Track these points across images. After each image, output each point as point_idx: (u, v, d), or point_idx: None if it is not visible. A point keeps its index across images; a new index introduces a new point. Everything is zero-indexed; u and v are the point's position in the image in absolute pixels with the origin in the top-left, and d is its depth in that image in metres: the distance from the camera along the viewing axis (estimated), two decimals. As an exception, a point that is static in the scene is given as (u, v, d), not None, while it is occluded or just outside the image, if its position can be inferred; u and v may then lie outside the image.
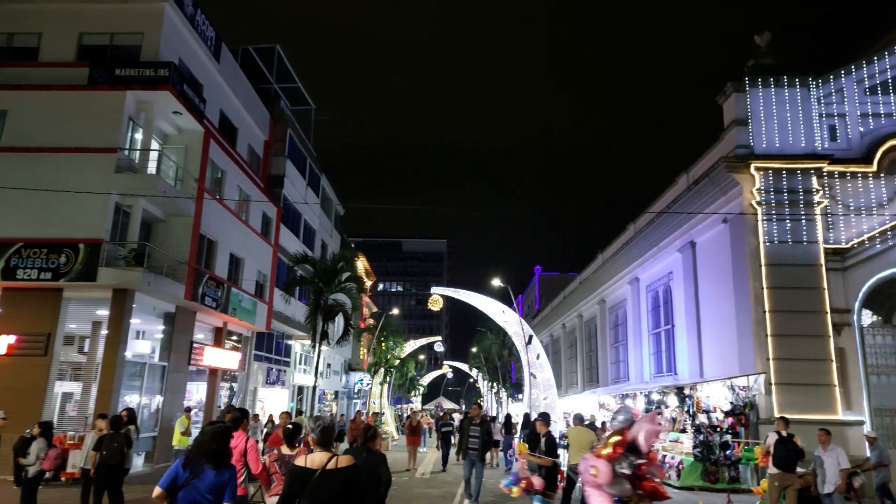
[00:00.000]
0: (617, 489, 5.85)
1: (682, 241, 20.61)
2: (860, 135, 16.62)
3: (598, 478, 5.90)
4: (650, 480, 5.91)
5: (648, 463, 6.03)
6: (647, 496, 5.86)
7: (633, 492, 5.87)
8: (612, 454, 5.94)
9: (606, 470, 5.88)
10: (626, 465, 5.85)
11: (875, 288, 15.93)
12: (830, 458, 9.84)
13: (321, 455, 4.41)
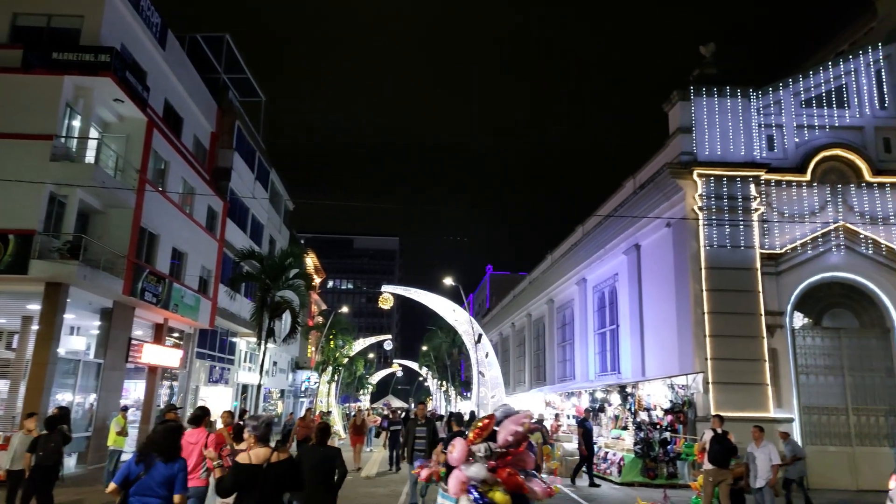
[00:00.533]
0: (473, 472, 6.03)
1: (627, 244, 21.17)
2: (796, 145, 17.44)
3: (452, 453, 6.13)
4: (512, 473, 6.05)
5: (515, 455, 6.22)
6: (507, 486, 6.00)
7: (491, 479, 6.04)
8: (472, 438, 6.19)
9: (462, 448, 6.10)
10: (483, 449, 6.06)
11: (806, 292, 16.77)
12: (763, 453, 10.29)
13: (263, 451, 4.90)
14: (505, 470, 6.12)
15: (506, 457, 6.22)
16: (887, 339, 16.56)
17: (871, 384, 16.40)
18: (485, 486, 6.06)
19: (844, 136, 17.37)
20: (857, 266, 16.65)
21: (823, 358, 16.67)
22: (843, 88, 17.59)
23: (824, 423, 16.11)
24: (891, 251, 16.52)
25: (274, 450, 4.94)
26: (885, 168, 17.05)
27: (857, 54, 17.87)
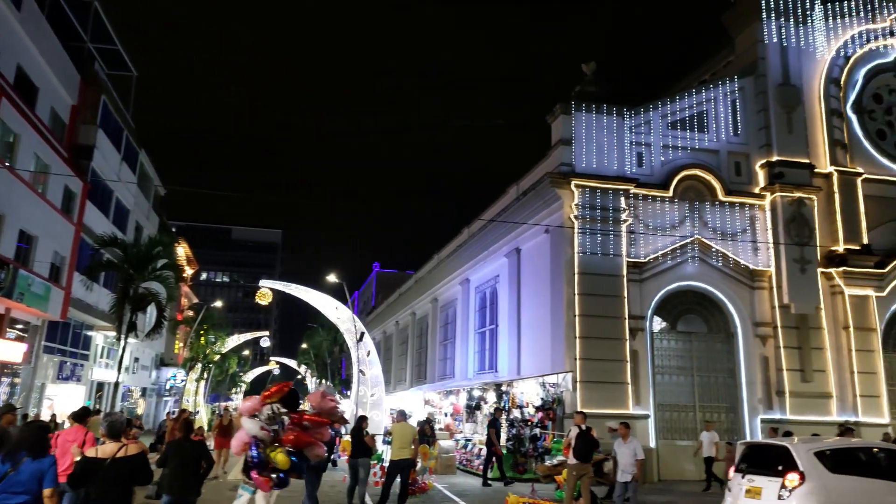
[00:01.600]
0: (248, 425, 7.01)
1: (509, 247, 21.91)
2: (661, 163, 18.94)
3: (245, 402, 7.35)
4: (298, 435, 7.10)
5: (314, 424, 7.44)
6: (296, 445, 7.02)
7: (265, 437, 7.02)
8: (264, 396, 7.23)
9: (255, 401, 7.23)
10: (267, 410, 7.07)
11: (664, 298, 18.27)
12: (628, 449, 10.97)
13: (112, 446, 5.25)
14: (293, 433, 7.02)
15: (300, 423, 7.20)
16: (731, 343, 18.45)
17: (715, 383, 18.20)
18: (269, 449, 6.93)
19: (703, 157, 19.13)
20: (708, 276, 18.39)
21: (677, 359, 18.25)
22: (704, 114, 19.37)
23: (675, 419, 17.63)
24: (737, 264, 18.42)
25: (123, 445, 5.27)
26: (736, 189, 18.98)
27: (717, 84, 19.76)
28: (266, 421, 6.94)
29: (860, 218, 19.13)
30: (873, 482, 8.14)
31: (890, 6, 20.60)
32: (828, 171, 19.31)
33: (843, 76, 20.19)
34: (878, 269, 18.66)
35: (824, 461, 8.16)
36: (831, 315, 18.45)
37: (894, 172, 20.00)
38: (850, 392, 17.85)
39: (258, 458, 6.83)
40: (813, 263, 18.34)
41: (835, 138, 19.62)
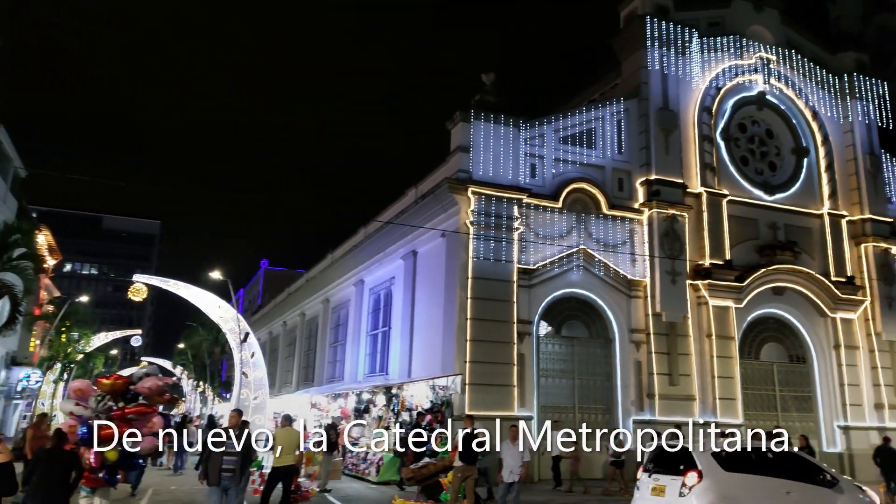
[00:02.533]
0: (67, 405, 7.74)
1: (405, 250, 21.89)
2: (552, 176, 19.76)
3: (73, 383, 8.18)
4: (111, 431, 7.39)
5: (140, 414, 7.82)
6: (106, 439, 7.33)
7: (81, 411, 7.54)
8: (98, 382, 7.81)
9: (80, 385, 7.86)
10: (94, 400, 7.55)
11: (550, 304, 19.07)
12: (515, 450, 11.22)
13: None
14: (107, 429, 7.28)
15: (124, 417, 7.48)
16: (609, 348, 19.58)
17: (594, 386, 19.23)
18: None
19: (590, 172, 20.19)
20: (591, 284, 19.42)
21: (560, 363, 19.10)
22: (593, 132, 20.45)
23: (557, 420, 18.39)
24: (617, 274, 19.58)
25: None
26: (618, 204, 20.19)
27: (605, 104, 20.95)
28: (92, 411, 7.14)
29: (724, 235, 21.01)
30: (761, 479, 9.11)
31: (756, 45, 22.88)
32: (698, 192, 21.05)
33: (714, 105, 22.13)
34: (738, 283, 20.59)
35: (720, 461, 9.07)
36: (696, 323, 20.10)
37: (754, 196, 22.18)
38: (710, 395, 19.53)
39: (86, 433, 7.07)
40: (683, 275, 19.91)
41: (705, 162, 21.44)
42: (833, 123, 23.59)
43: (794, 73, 23.31)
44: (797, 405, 20.95)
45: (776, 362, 21.49)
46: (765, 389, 20.96)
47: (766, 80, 22.88)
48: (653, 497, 9.23)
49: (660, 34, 21.10)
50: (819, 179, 23.14)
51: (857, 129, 23.61)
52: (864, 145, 23.58)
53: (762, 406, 20.48)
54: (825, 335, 21.69)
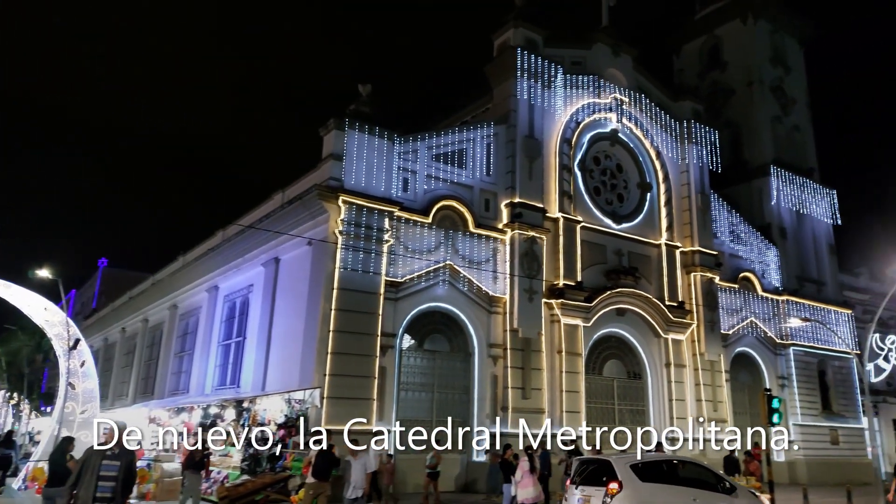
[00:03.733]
0: None
1: (267, 256, 20.95)
2: (424, 191, 20.02)
3: None
4: None
5: None
6: None
7: None
8: None
9: None
10: None
11: (415, 318, 19.21)
12: (359, 464, 11.12)
13: None
14: None
15: None
16: (468, 362, 20.08)
17: (452, 400, 19.58)
18: None
19: (459, 191, 20.74)
20: (455, 299, 19.85)
21: (421, 376, 19.26)
22: (464, 152, 21.06)
23: (414, 433, 18.45)
24: (480, 290, 20.20)
25: None
26: (484, 223, 20.91)
27: (476, 127, 21.70)
28: None
29: (577, 259, 22.50)
30: (672, 487, 10.52)
31: (611, 86, 24.96)
32: (556, 217, 22.40)
33: (574, 138, 23.78)
34: (587, 303, 22.12)
35: (637, 472, 10.35)
36: (549, 340, 21.26)
37: (604, 224, 24.03)
38: (558, 408, 20.70)
39: None
40: (539, 294, 21.01)
41: (564, 189, 22.91)
42: (673, 163, 26.32)
43: (643, 115, 25.74)
44: (632, 418, 22.83)
45: (616, 378, 23.34)
46: (605, 403, 22.64)
47: (619, 119, 25.04)
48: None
49: (529, 66, 22.31)
50: (659, 213, 25.64)
51: (692, 170, 26.52)
52: (697, 185, 26.54)
53: (602, 419, 22.05)
54: (658, 354, 23.95)
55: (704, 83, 32.49)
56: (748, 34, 31.74)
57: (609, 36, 25.58)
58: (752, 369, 27.13)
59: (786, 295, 28.25)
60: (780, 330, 27.68)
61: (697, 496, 10.50)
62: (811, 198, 31.16)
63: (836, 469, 25.46)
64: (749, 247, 28.52)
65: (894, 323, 33.76)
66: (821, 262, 30.93)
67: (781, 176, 29.96)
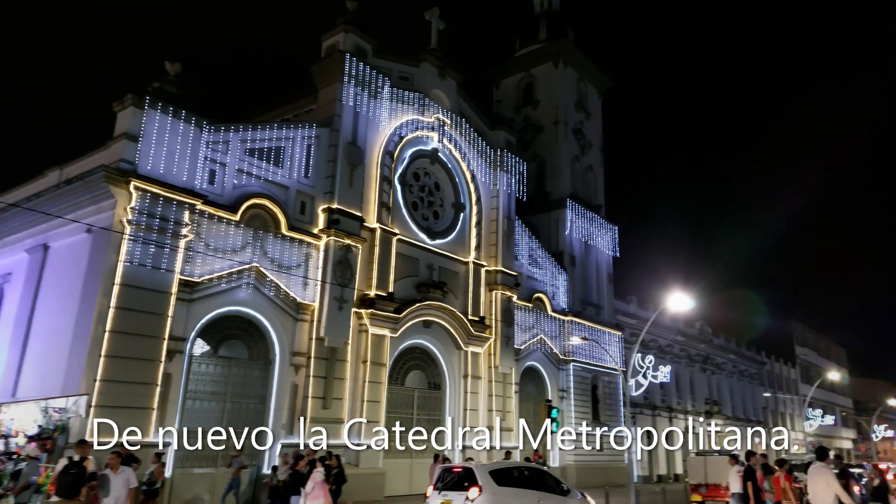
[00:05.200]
0: None
1: (34, 241, 18.07)
2: (233, 186, 18.80)
3: None
4: None
5: None
6: None
7: None
8: None
9: None
10: None
11: (212, 321, 17.87)
12: (120, 479, 10.01)
13: None
14: None
15: None
16: (268, 371, 19.14)
17: (246, 409, 18.48)
18: None
19: (274, 190, 19.85)
20: (260, 304, 18.85)
21: (213, 384, 17.91)
22: (282, 150, 20.23)
23: (199, 445, 17.04)
24: (287, 296, 19.42)
25: None
26: (298, 226, 20.22)
27: (298, 126, 21.01)
28: None
29: (391, 270, 22.75)
30: (522, 491, 12.08)
31: (435, 107, 25.84)
32: (373, 227, 22.47)
33: (396, 151, 24.14)
34: (396, 314, 22.42)
35: (495, 477, 11.74)
36: (355, 350, 21.15)
37: (419, 238, 24.65)
38: (357, 417, 20.58)
39: None
40: (349, 303, 20.82)
41: (383, 201, 23.09)
42: (485, 188, 27.95)
43: (462, 139, 27.02)
44: (428, 427, 23.50)
45: (417, 388, 23.94)
46: (405, 413, 23.07)
47: (441, 140, 26.00)
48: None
49: (357, 73, 22.22)
50: (470, 232, 27.01)
51: (501, 196, 28.39)
52: (505, 210, 28.47)
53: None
54: (458, 365, 25.08)
55: (519, 116, 35.17)
56: (558, 78, 35.08)
57: (436, 58, 26.52)
58: (538, 382, 29.63)
59: (570, 316, 31.38)
60: (564, 347, 30.66)
61: (541, 497, 12.27)
62: (598, 231, 35.14)
63: (599, 472, 28.70)
64: (544, 270, 31.23)
65: (654, 345, 39.30)
66: (601, 288, 34.96)
67: (576, 209, 33.38)
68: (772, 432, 52.33)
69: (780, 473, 13.30)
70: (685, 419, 41.44)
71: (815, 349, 71.99)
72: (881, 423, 75.46)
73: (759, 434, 48.81)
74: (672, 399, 41.17)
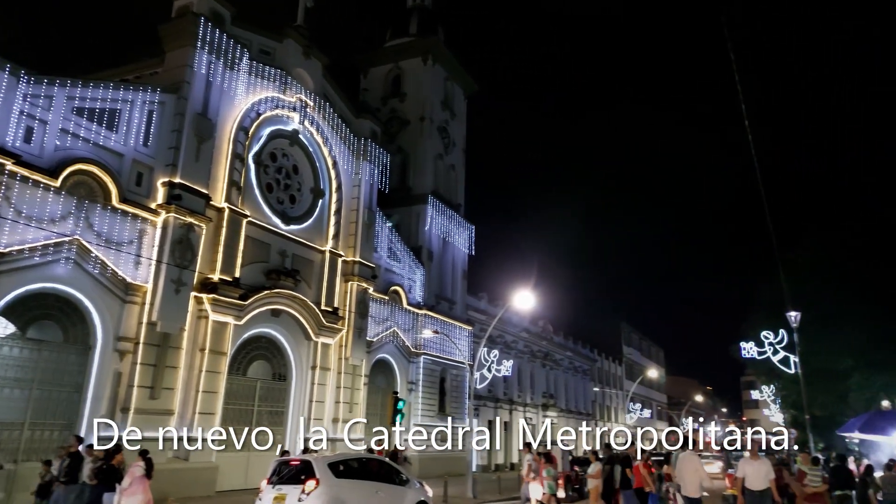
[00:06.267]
0: None
1: None
2: (55, 148, 16.63)
3: None
4: None
5: None
6: None
7: None
8: None
9: None
10: None
11: (21, 299, 15.71)
12: None
13: None
14: None
15: None
16: (86, 356, 17.21)
17: (57, 399, 16.50)
18: None
19: (105, 156, 17.86)
20: (80, 282, 16.89)
21: (18, 370, 15.84)
22: (117, 113, 18.26)
23: (-6, 440, 14.93)
24: (115, 275, 17.58)
25: None
26: (132, 199, 18.37)
27: (139, 89, 19.10)
28: None
29: (238, 254, 21.47)
30: (361, 482, 12.07)
31: (298, 87, 24.84)
32: (221, 206, 21.07)
33: (252, 128, 22.83)
34: (242, 301, 21.22)
35: (333, 469, 11.54)
36: (192, 337, 19.70)
37: (272, 222, 23.56)
38: (190, 409, 19.21)
39: None
40: (188, 286, 19.34)
41: (234, 179, 21.73)
42: (347, 176, 27.43)
43: (325, 123, 26.27)
44: (270, 419, 22.64)
45: (261, 379, 22.88)
46: (245, 405, 21.95)
47: (302, 121, 25.05)
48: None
49: (212, 40, 20.69)
50: (328, 220, 26.35)
51: (363, 185, 28.03)
52: (366, 201, 28.15)
53: (239, 420, 21.31)
54: (307, 356, 24.35)
55: (385, 108, 34.99)
56: (426, 74, 35.40)
57: (302, 36, 25.52)
58: (388, 374, 29.72)
59: (425, 310, 31.86)
60: (416, 340, 31.05)
61: (379, 488, 12.40)
62: (456, 229, 36.02)
63: (442, 462, 29.37)
64: (402, 264, 31.40)
65: (501, 340, 41.17)
66: (455, 284, 35.90)
67: (437, 206, 33.93)
68: (598, 424, 57.29)
69: (639, 462, 14.89)
70: (524, 411, 43.91)
71: (639, 349, 79.96)
72: (689, 416, 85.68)
73: (588, 424, 53.09)
74: (513, 392, 43.41)
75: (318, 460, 11.96)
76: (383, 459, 14.66)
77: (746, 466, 12.07)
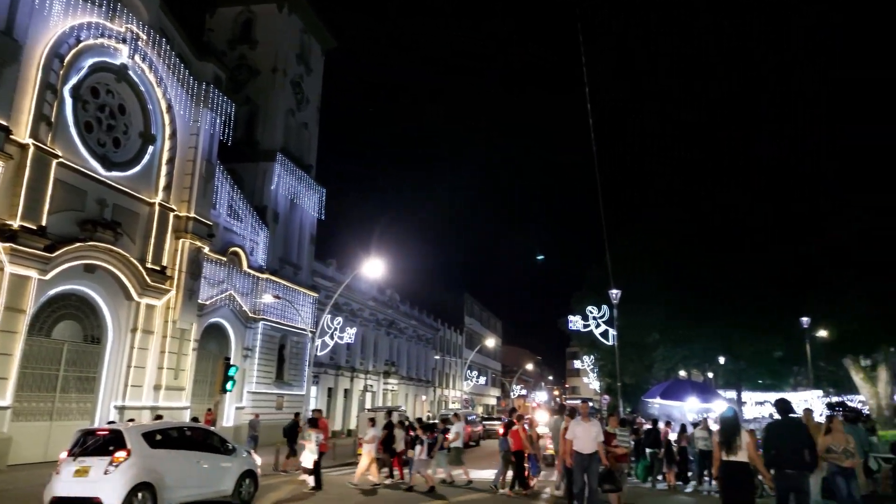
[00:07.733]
0: None
1: None
2: None
3: None
4: None
5: None
6: None
7: None
8: None
9: None
10: None
11: None
12: None
13: None
14: None
15: None
16: None
17: None
18: None
19: None
20: None
21: None
22: None
23: None
24: None
25: None
26: None
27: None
28: None
29: (45, 199, 18.72)
30: (181, 452, 11.35)
31: (130, 16, 22.00)
32: (25, 142, 18.19)
33: (69, 56, 19.83)
34: (48, 253, 18.58)
35: (147, 439, 10.72)
36: (-18, 291, 16.95)
37: (90, 166, 20.81)
38: (-25, 374, 16.59)
39: None
40: (-23, 233, 16.53)
41: (43, 112, 18.80)
42: (184, 122, 25.01)
43: (160, 62, 23.62)
44: (78, 385, 20.31)
45: (69, 341, 20.34)
46: (48, 369, 19.45)
47: (132, 56, 22.28)
48: (76, 479, 9.97)
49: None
50: (159, 170, 23.90)
51: (202, 135, 25.77)
52: (205, 152, 25.94)
53: (41, 387, 18.88)
54: (126, 318, 22.10)
55: (234, 53, 32.43)
56: (282, 23, 33.27)
57: (137, -41, 22.59)
58: (221, 340, 28.07)
59: (267, 274, 30.46)
60: (255, 305, 29.64)
61: (201, 458, 11.74)
62: (306, 191, 34.71)
63: (278, 430, 28.61)
64: (244, 224, 29.62)
65: (346, 308, 40.76)
66: (302, 248, 34.73)
67: (286, 165, 32.35)
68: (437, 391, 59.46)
69: (518, 427, 15.46)
70: (365, 378, 44.18)
71: (480, 320, 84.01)
72: (519, 384, 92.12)
73: (425, 392, 54.83)
74: (356, 359, 43.42)
75: (130, 429, 10.93)
76: (209, 428, 13.84)
77: (577, 428, 11.86)
